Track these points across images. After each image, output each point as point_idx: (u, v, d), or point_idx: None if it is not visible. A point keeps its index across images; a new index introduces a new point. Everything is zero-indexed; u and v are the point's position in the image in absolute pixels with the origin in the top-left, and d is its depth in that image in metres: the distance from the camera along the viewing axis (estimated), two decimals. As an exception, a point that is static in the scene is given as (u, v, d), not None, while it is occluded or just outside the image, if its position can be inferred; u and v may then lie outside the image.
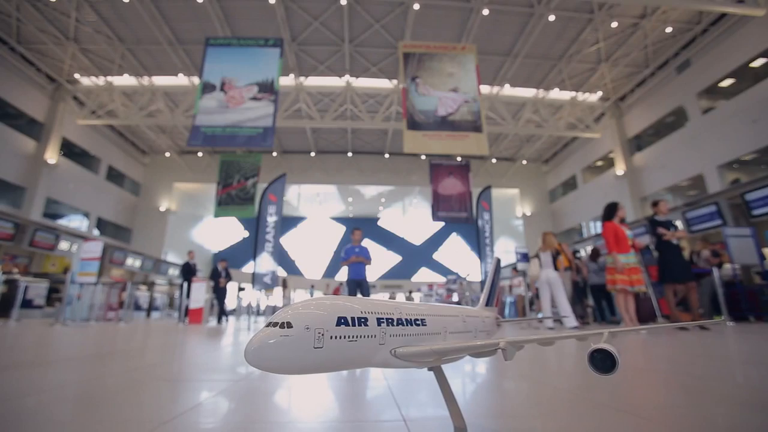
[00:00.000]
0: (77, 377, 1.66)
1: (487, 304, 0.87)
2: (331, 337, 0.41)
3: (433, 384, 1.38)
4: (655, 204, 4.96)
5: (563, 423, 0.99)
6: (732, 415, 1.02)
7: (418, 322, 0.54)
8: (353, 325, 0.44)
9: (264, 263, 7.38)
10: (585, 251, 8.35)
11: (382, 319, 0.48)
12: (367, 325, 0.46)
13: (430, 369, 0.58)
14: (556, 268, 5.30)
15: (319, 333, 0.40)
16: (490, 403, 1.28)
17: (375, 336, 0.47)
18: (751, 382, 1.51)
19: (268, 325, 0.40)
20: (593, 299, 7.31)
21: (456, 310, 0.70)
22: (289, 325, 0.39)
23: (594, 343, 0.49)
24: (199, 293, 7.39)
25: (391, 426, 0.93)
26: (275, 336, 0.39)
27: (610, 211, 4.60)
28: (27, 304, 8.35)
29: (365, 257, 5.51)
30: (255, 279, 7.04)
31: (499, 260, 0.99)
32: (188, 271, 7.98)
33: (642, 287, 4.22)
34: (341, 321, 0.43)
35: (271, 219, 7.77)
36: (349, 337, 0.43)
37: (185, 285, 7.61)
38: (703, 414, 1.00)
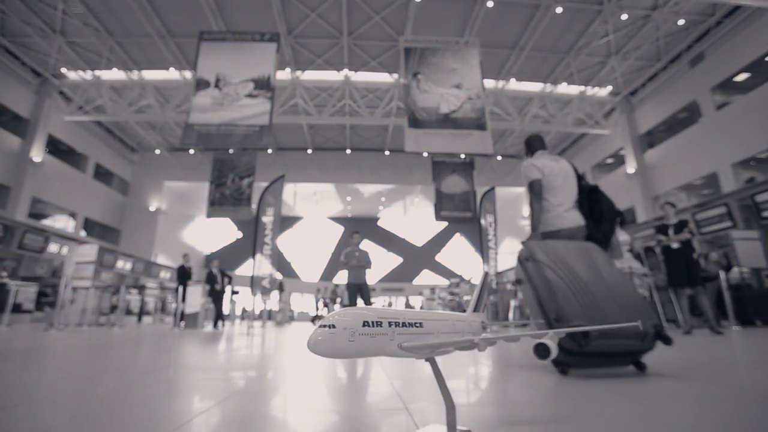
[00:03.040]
0: (97, 381, 1.92)
1: (475, 310, 1.12)
2: (359, 334, 0.67)
3: (429, 381, 1.63)
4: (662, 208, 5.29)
5: (540, 411, 1.24)
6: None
7: (417, 325, 0.80)
8: (372, 326, 0.70)
9: (262, 266, 7.64)
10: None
11: (392, 322, 0.74)
12: (382, 327, 0.72)
13: (426, 360, 0.83)
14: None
15: (352, 331, 0.66)
16: (478, 395, 1.54)
17: (387, 334, 0.72)
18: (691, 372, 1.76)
19: (319, 327, 0.66)
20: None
21: (447, 315, 0.95)
22: (333, 327, 0.66)
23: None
24: (195, 297, 7.64)
25: (395, 412, 1.19)
26: (324, 334, 0.65)
27: None
28: (16, 308, 8.60)
29: (365, 261, 5.76)
30: (253, 283, 7.31)
31: (487, 273, 1.24)
32: (183, 275, 8.23)
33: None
34: (365, 324, 0.69)
35: (269, 221, 8.02)
36: (370, 334, 0.69)
37: (181, 289, 7.87)
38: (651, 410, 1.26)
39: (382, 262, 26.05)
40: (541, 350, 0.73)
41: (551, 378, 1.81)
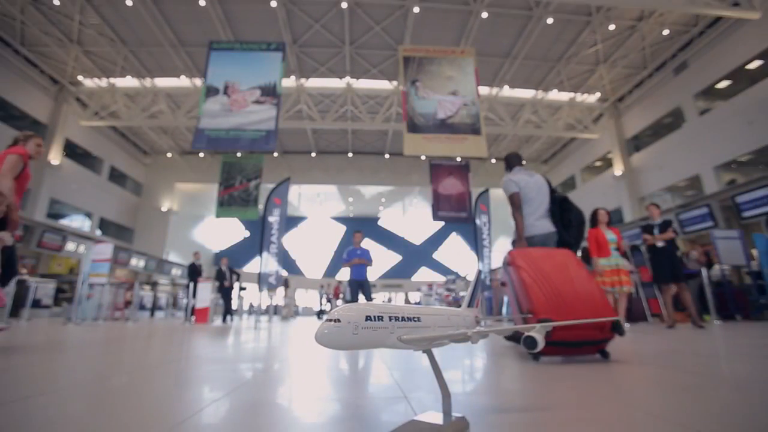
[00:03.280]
0: (113, 373, 1.94)
1: (469, 305, 1.15)
2: (362, 328, 0.70)
3: (426, 372, 1.65)
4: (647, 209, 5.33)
5: (527, 399, 1.27)
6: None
7: (415, 319, 0.82)
8: (374, 320, 0.72)
9: (268, 264, 7.66)
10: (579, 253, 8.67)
11: (392, 317, 0.77)
12: (383, 321, 0.74)
13: (423, 351, 0.85)
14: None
15: (355, 325, 0.68)
16: (472, 384, 1.56)
17: (387, 328, 0.75)
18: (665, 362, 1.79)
19: (325, 321, 0.68)
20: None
21: (443, 311, 0.97)
22: (338, 321, 0.68)
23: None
24: (205, 293, 7.67)
25: (395, 400, 1.22)
26: (330, 327, 0.67)
27: (592, 219, 4.91)
28: (35, 304, 8.64)
29: (366, 259, 5.78)
30: (261, 279, 7.33)
31: (480, 271, 1.27)
32: (194, 272, 8.26)
33: (626, 288, 4.50)
34: (368, 318, 0.71)
35: (276, 221, 8.05)
36: (372, 328, 0.71)
37: (191, 285, 7.89)
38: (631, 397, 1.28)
39: (382, 259, 26.08)
40: (529, 342, 0.76)
41: (529, 365, 1.89)
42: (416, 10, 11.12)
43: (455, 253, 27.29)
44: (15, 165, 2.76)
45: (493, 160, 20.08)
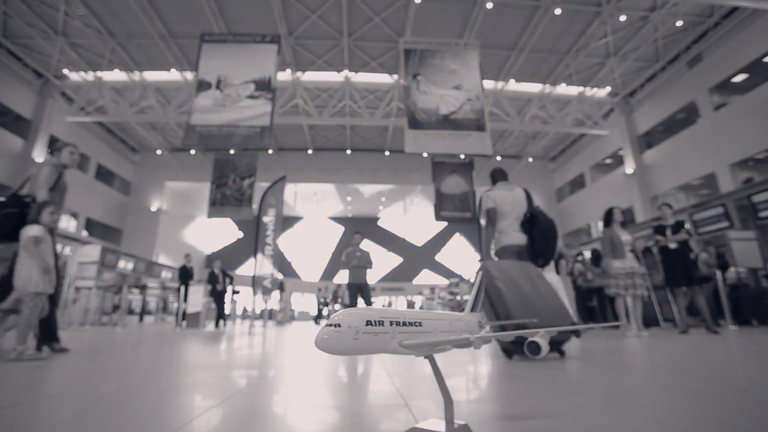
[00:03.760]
0: (102, 380, 1.96)
1: (472, 310, 1.17)
2: (363, 333, 0.72)
3: (428, 379, 1.67)
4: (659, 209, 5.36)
5: (528, 407, 1.29)
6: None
7: (416, 324, 0.84)
8: (375, 325, 0.75)
9: (263, 266, 7.69)
10: (589, 254, 8.70)
11: (393, 321, 0.79)
12: (383, 326, 0.76)
13: (425, 357, 0.88)
14: (557, 272, 5.60)
15: (356, 330, 0.71)
16: (475, 391, 1.59)
17: (388, 333, 0.77)
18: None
19: (326, 326, 0.70)
20: (598, 302, 7.61)
21: (445, 315, 1.00)
22: (339, 326, 0.70)
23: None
24: (197, 297, 7.69)
25: (396, 408, 1.24)
26: (330, 332, 0.70)
27: (607, 218, 4.92)
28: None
29: (366, 261, 5.81)
30: (255, 283, 7.35)
31: (482, 274, 1.29)
32: (185, 275, 8.28)
33: (639, 291, 4.51)
34: (368, 323, 0.74)
35: (271, 222, 8.07)
36: (373, 333, 0.74)
37: (182, 288, 7.91)
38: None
39: (382, 261, 26.09)
40: (533, 347, 0.78)
41: (533, 369, 1.90)
42: (418, 0, 11.14)
43: (459, 255, 27.29)
44: (49, 176, 2.85)
45: (499, 158, 20.07)
